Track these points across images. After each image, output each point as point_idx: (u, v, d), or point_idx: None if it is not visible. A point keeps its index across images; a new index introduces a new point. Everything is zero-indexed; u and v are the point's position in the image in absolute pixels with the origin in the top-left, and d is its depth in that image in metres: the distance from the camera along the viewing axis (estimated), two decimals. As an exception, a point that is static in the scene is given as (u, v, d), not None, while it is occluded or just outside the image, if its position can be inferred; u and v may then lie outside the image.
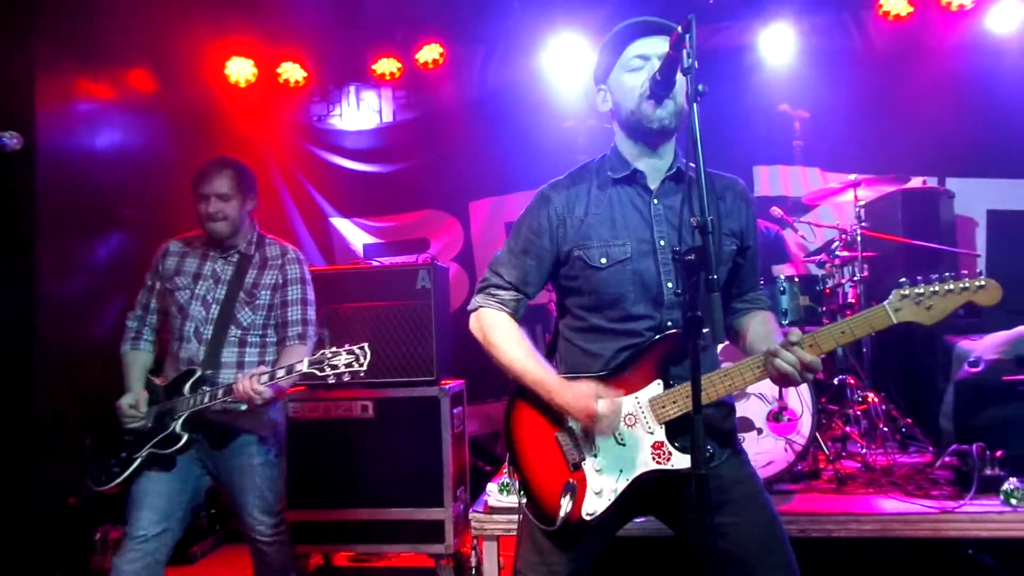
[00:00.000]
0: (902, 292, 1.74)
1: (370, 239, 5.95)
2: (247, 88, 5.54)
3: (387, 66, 5.51)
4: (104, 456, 2.68)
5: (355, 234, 5.95)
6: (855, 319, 1.75)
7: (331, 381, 2.38)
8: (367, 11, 5.23)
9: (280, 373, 2.46)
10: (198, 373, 2.64)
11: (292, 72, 5.56)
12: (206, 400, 2.57)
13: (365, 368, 2.35)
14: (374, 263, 4.07)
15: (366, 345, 2.38)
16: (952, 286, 1.73)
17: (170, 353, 2.78)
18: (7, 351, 3.81)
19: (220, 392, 2.54)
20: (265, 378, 2.47)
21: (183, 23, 4.83)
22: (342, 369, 2.36)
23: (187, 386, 2.63)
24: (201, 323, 2.72)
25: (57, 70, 4.33)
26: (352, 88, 5.92)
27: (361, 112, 5.99)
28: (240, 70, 5.46)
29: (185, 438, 2.58)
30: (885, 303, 1.75)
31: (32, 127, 4.01)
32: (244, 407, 2.64)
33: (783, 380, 1.73)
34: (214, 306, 2.73)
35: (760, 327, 1.93)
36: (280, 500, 2.85)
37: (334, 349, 2.39)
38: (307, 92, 5.79)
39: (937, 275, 1.74)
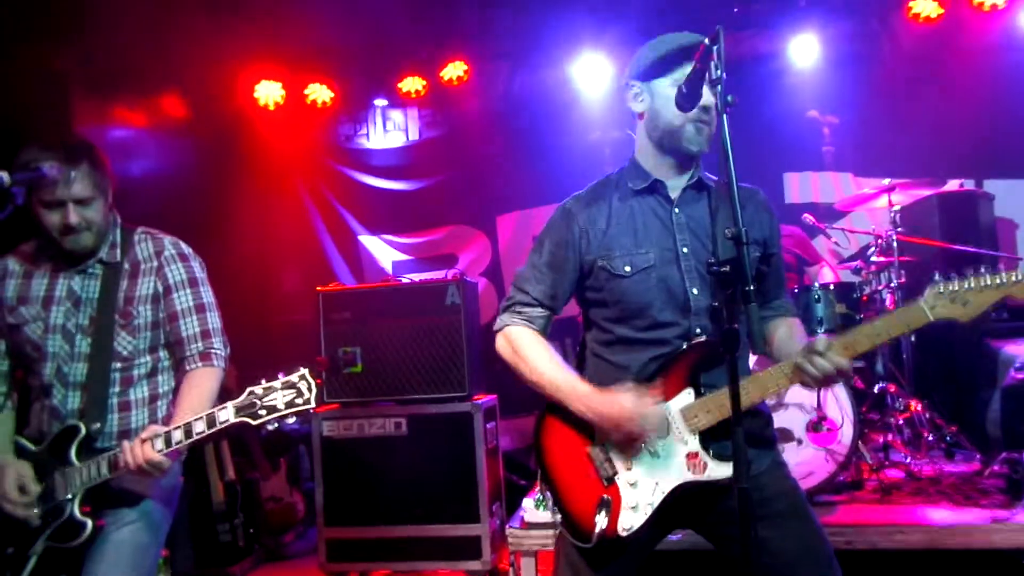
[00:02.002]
0: (937, 289, 1.70)
1: (399, 256, 6.00)
2: (276, 110, 5.63)
3: (412, 84, 5.58)
4: None
5: (384, 251, 6.00)
6: (890, 317, 1.72)
7: (272, 427, 1.84)
8: (391, 31, 5.30)
9: (178, 436, 1.86)
10: (83, 431, 1.98)
11: (319, 93, 5.64)
12: (104, 471, 1.93)
13: (313, 403, 1.82)
14: (403, 280, 4.08)
15: (306, 372, 1.84)
16: (989, 281, 1.68)
17: (35, 404, 2.10)
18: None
19: (122, 460, 1.90)
20: (160, 443, 1.86)
21: (213, 49, 4.94)
22: (283, 410, 1.81)
23: (73, 451, 1.96)
24: (65, 361, 2.04)
25: (92, 99, 4.45)
26: (378, 107, 6.00)
27: (387, 130, 6.06)
28: (269, 93, 5.56)
29: (89, 526, 1.93)
30: (920, 300, 1.72)
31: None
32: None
33: (814, 384, 1.71)
34: (79, 337, 2.06)
35: (786, 332, 1.92)
36: None
37: (266, 384, 1.83)
38: (334, 112, 5.87)
39: (972, 270, 1.70)
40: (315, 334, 3.86)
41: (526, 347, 1.90)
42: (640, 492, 1.76)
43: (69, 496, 1.95)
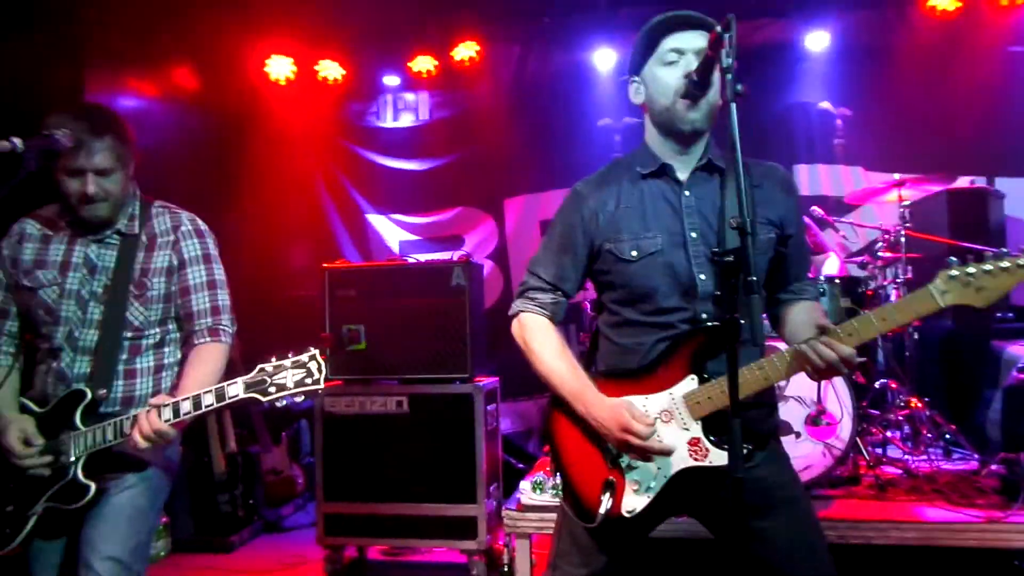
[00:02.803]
0: (949, 273, 1.58)
1: (405, 235, 6.00)
2: (287, 86, 5.63)
3: (424, 64, 5.55)
4: None
5: (391, 230, 6.01)
6: (897, 304, 1.64)
7: (280, 405, 1.89)
8: (404, 10, 5.27)
9: (187, 407, 1.90)
10: (88, 395, 2.01)
11: (330, 70, 5.63)
12: (109, 437, 1.96)
13: (321, 384, 1.86)
14: (409, 260, 4.09)
15: (316, 352, 1.88)
16: (1007, 263, 1.55)
17: (40, 366, 2.14)
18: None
19: (129, 425, 1.93)
20: (168, 412, 1.90)
21: (225, 22, 4.92)
22: (292, 388, 1.86)
23: (78, 415, 1.99)
24: (77, 326, 2.08)
25: (104, 69, 4.45)
26: (389, 86, 5.98)
27: (398, 109, 6.04)
28: (280, 68, 5.55)
29: (93, 489, 1.96)
30: (930, 285, 1.60)
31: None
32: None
33: (817, 374, 1.67)
34: (92, 304, 2.10)
35: (801, 315, 1.88)
36: (142, 566, 2.08)
37: (276, 362, 1.88)
38: (345, 90, 5.86)
39: (992, 252, 1.58)
40: (320, 310, 3.88)
41: (536, 338, 1.92)
42: (643, 475, 1.78)
43: (73, 459, 1.97)
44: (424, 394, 3.67)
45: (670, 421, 1.79)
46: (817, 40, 5.16)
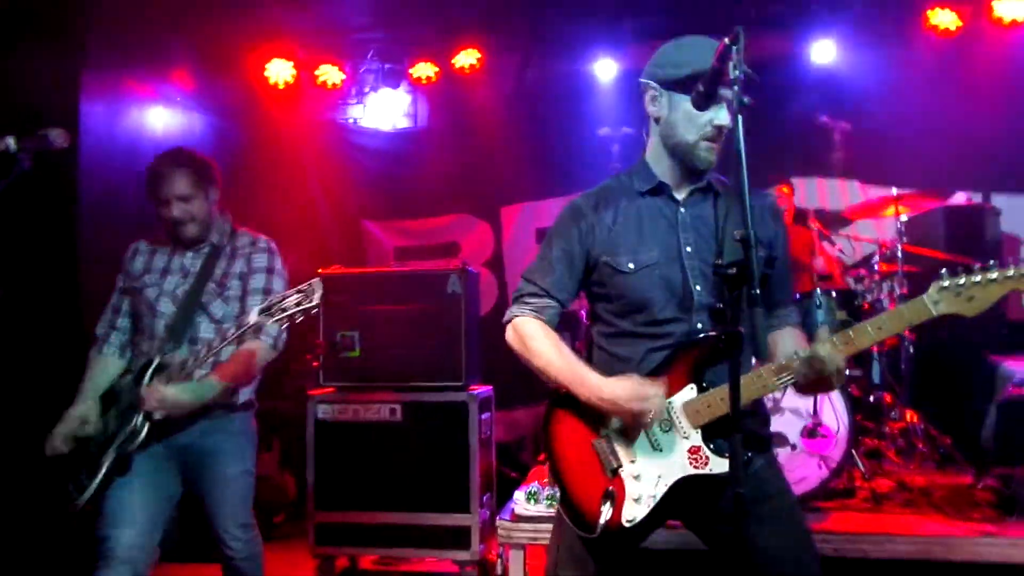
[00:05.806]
0: (941, 284, 1.67)
1: (401, 241, 5.98)
2: (286, 89, 5.60)
3: (424, 70, 5.54)
4: (72, 475, 2.46)
5: (387, 236, 5.99)
6: (892, 313, 1.71)
7: (284, 325, 2.28)
8: (405, 16, 5.27)
9: (216, 341, 2.36)
10: (156, 360, 2.44)
11: (330, 74, 5.61)
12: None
13: (316, 302, 2.19)
14: (405, 266, 4.07)
15: (315, 280, 2.21)
16: (995, 275, 1.65)
17: (139, 350, 2.60)
18: (53, 347, 3.87)
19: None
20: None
21: (226, 25, 4.91)
22: (292, 309, 2.20)
23: (147, 377, 2.42)
24: (171, 318, 2.55)
25: (102, 70, 4.42)
26: (388, 91, 5.96)
27: (397, 115, 6.03)
28: (279, 71, 5.53)
29: (145, 431, 2.37)
30: (923, 295, 1.69)
31: (76, 125, 4.10)
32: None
33: (812, 384, 1.71)
34: (182, 300, 2.57)
35: (788, 342, 1.92)
36: (251, 512, 2.76)
37: (283, 294, 2.26)
38: (344, 94, 5.85)
39: (980, 264, 1.68)
40: (314, 316, 3.84)
41: (534, 338, 1.92)
42: (643, 485, 1.79)
43: (139, 411, 2.36)
44: (418, 402, 3.65)
45: (670, 429, 1.80)
46: (818, 53, 5.17)
